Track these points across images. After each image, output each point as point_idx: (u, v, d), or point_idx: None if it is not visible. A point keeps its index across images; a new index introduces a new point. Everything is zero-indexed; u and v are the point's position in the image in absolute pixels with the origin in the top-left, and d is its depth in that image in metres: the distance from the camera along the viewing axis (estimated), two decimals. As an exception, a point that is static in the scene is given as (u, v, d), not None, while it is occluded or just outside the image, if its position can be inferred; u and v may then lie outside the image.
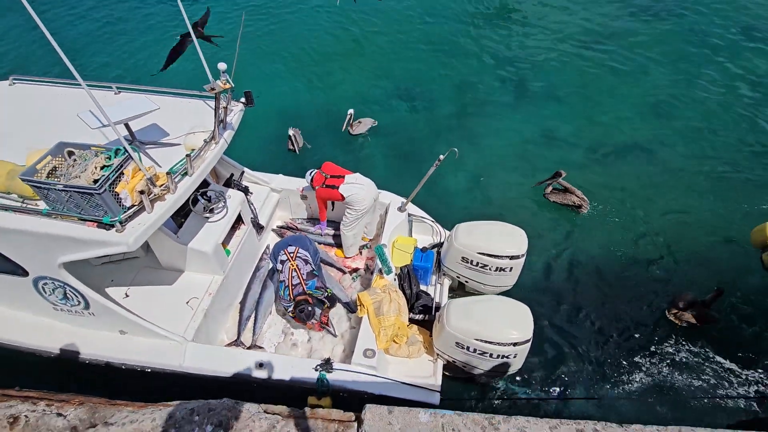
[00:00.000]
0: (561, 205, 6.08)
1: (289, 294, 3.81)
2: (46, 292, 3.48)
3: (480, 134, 7.37)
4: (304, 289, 3.81)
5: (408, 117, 7.78)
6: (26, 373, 4.28)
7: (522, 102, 8.03)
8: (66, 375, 4.28)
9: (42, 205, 2.97)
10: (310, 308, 3.85)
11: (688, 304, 4.81)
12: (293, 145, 6.90)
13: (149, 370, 3.63)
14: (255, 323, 4.32)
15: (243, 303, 4.43)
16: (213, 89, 3.10)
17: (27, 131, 3.60)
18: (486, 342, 3.45)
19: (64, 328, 3.73)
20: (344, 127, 7.17)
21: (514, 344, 3.42)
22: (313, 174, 4.63)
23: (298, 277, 3.83)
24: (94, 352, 3.65)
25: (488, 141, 7.24)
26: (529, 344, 3.48)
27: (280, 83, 8.55)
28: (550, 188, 6.14)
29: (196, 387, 3.95)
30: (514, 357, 3.51)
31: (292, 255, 3.93)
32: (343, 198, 4.44)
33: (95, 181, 2.71)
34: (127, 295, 4.01)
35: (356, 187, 4.45)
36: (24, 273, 3.35)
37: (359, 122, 7.21)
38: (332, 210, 5.05)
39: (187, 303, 3.95)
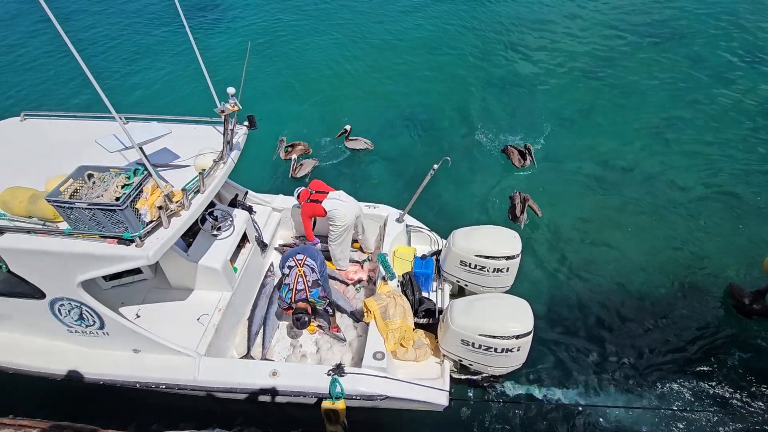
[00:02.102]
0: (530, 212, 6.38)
1: (291, 297, 3.93)
2: (61, 314, 3.57)
3: (479, 152, 7.68)
4: (307, 296, 3.95)
5: (409, 138, 8.13)
6: (31, 399, 4.31)
7: (522, 124, 8.26)
8: (73, 399, 4.31)
9: (63, 226, 3.12)
10: (306, 318, 3.97)
11: (753, 297, 4.89)
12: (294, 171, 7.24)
13: (163, 387, 3.70)
14: (264, 337, 4.42)
15: (251, 319, 4.54)
16: (223, 111, 3.36)
17: (41, 162, 3.79)
18: (490, 337, 3.61)
19: (78, 351, 3.79)
20: (337, 136, 7.64)
21: (517, 337, 3.60)
22: (299, 190, 4.87)
23: (303, 283, 3.98)
24: (109, 372, 3.71)
25: (487, 158, 7.56)
26: (530, 337, 3.65)
27: (285, 107, 8.97)
28: (522, 216, 6.21)
29: (207, 406, 4.04)
30: (518, 350, 3.68)
31: (300, 262, 4.09)
32: (325, 213, 4.67)
33: (117, 199, 2.89)
34: (138, 316, 4.10)
35: (338, 203, 4.68)
36: (41, 295, 3.46)
37: (356, 139, 7.64)
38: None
39: (197, 320, 4.05)
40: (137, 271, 4.37)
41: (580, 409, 4.45)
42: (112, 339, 3.70)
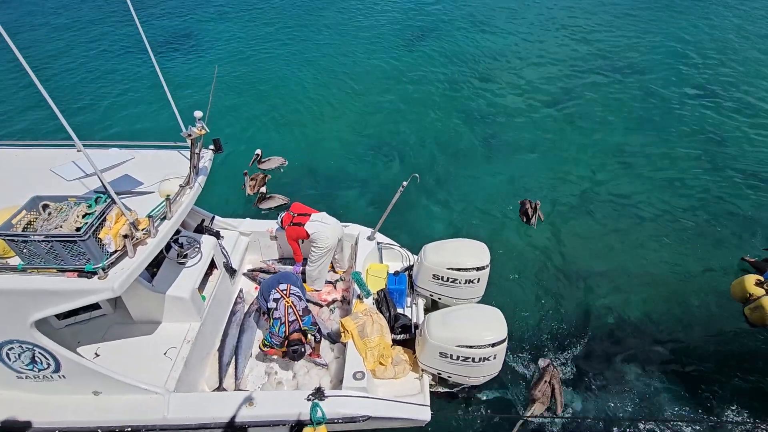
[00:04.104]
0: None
1: (285, 330, 3.85)
2: (10, 359, 3.26)
3: (447, 175, 7.89)
4: (300, 325, 3.89)
5: (377, 160, 8.28)
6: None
7: (490, 151, 8.51)
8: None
9: (14, 262, 2.90)
10: (303, 349, 3.91)
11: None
12: (256, 192, 7.15)
13: (129, 429, 3.43)
14: (236, 367, 4.24)
15: (221, 349, 4.36)
16: (190, 135, 3.31)
17: None
18: (467, 347, 3.68)
19: (29, 399, 3.45)
20: (250, 164, 7.69)
21: (492, 345, 3.68)
22: (282, 215, 4.85)
23: (295, 313, 3.91)
24: (66, 419, 3.40)
25: (452, 180, 7.76)
26: (505, 344, 3.75)
27: (251, 134, 8.93)
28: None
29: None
30: (494, 358, 3.76)
31: (285, 292, 4.01)
32: (308, 235, 4.65)
33: (78, 229, 2.73)
34: (97, 355, 3.83)
35: (321, 225, 4.69)
36: (-15, 340, 3.15)
37: (268, 159, 7.79)
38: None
39: (164, 354, 3.84)
40: (94, 306, 4.09)
41: (560, 416, 4.57)
42: (69, 382, 3.41)
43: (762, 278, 4.47)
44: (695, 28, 13.16)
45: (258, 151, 7.79)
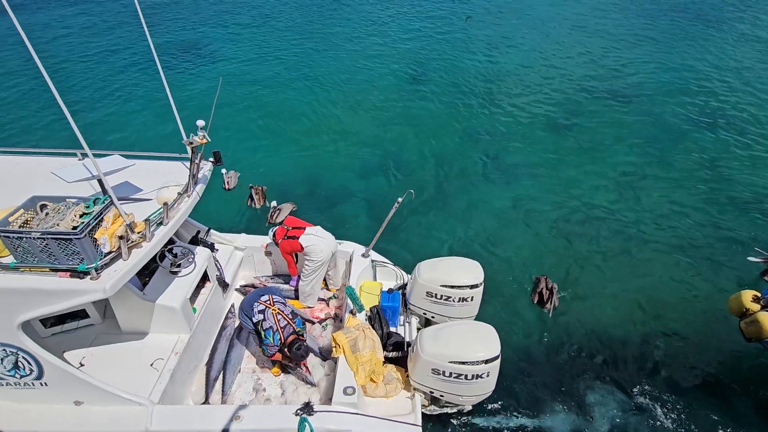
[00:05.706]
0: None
1: (280, 338, 3.83)
2: (-8, 363, 3.18)
3: (446, 194, 7.94)
4: (294, 328, 3.90)
5: (375, 177, 8.37)
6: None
7: (492, 172, 8.56)
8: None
9: (7, 261, 2.89)
10: (304, 344, 3.93)
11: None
12: (253, 203, 7.27)
13: (109, 442, 3.31)
14: (224, 383, 4.14)
15: (210, 363, 4.26)
16: (191, 143, 3.39)
17: None
18: (460, 363, 3.64)
19: (7, 408, 3.34)
20: (225, 186, 7.78)
21: (486, 361, 3.64)
22: (275, 229, 4.87)
23: (285, 318, 3.89)
24: (44, 429, 3.28)
25: (455, 198, 7.83)
26: (498, 361, 3.71)
27: (254, 148, 9.08)
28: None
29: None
30: (487, 375, 3.71)
31: (268, 302, 3.99)
32: (302, 248, 4.67)
33: (74, 228, 2.75)
34: (82, 364, 3.73)
35: (316, 238, 4.72)
36: (-32, 343, 3.08)
37: (229, 176, 7.89)
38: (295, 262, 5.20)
39: (151, 365, 3.75)
40: (83, 315, 4.04)
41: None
42: (50, 390, 3.31)
43: (758, 294, 4.55)
44: (703, 56, 13.54)
45: (224, 171, 7.79)
